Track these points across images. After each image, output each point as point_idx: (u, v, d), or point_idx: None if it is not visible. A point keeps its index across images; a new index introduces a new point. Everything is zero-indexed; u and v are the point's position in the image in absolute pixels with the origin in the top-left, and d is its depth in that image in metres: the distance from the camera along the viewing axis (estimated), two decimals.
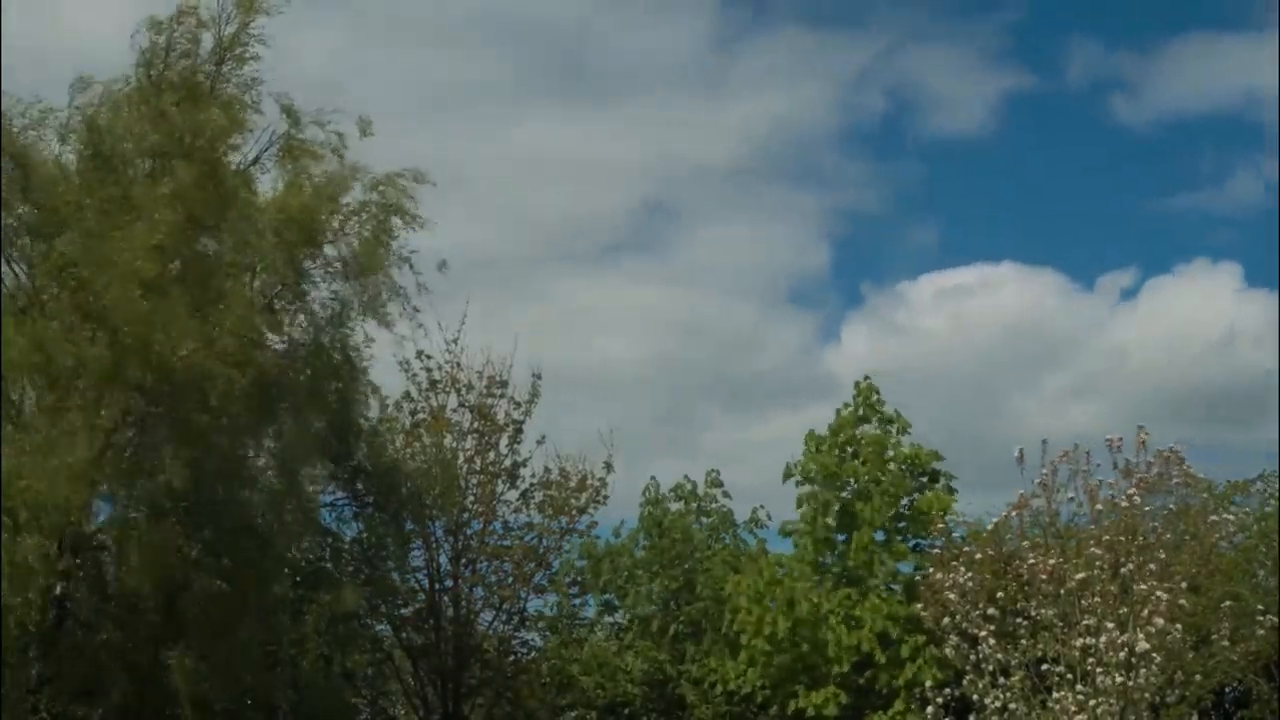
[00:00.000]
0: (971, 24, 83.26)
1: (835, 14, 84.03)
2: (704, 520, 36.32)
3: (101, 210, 25.65)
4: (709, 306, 74.47)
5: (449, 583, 34.53)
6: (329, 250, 28.15)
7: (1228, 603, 25.16)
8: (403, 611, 34.77)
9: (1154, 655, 22.91)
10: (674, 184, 79.32)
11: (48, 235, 26.20)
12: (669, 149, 78.73)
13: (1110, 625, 23.13)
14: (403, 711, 37.09)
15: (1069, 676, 23.42)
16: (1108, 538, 24.16)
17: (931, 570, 26.13)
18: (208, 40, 27.54)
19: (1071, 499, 25.03)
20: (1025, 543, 25.19)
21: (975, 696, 24.38)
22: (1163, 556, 23.87)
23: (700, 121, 78.38)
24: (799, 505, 31.40)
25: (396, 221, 28.63)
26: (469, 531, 34.73)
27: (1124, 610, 23.33)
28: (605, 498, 35.58)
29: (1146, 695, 23.04)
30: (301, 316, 28.46)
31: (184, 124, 26.40)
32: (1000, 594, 24.69)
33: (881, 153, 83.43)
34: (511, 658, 35.91)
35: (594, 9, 78.35)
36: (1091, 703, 23.03)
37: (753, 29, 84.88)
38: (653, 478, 36.37)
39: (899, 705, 29.22)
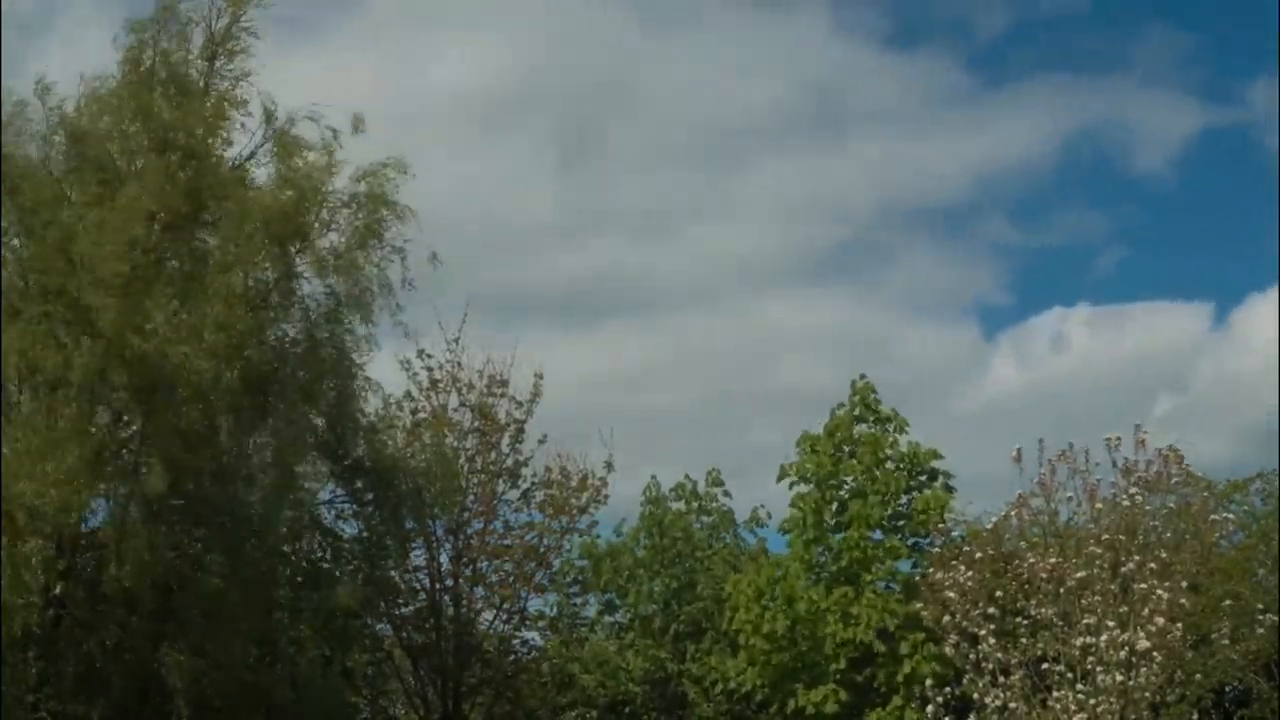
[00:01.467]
0: (1193, 64, 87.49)
1: (1083, 60, 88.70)
2: (704, 519, 36.32)
3: (82, 209, 25.64)
4: (897, 333, 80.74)
5: (449, 582, 34.53)
6: (320, 244, 28.07)
7: (1228, 602, 25.13)
8: (403, 611, 34.78)
9: (1154, 654, 22.83)
10: (890, 219, 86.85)
11: (31, 236, 26.17)
12: (891, 185, 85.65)
13: (1110, 624, 23.05)
14: (403, 711, 37.08)
15: (1069, 675, 23.35)
16: (1107, 537, 24.12)
17: (931, 569, 26.09)
18: (198, 36, 27.60)
19: (1070, 498, 25.03)
20: (1024, 542, 25.16)
21: (975, 695, 24.32)
22: (1163, 555, 23.81)
23: (927, 161, 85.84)
24: (792, 505, 31.40)
25: (386, 215, 28.50)
26: (470, 531, 34.75)
27: (1124, 609, 23.26)
28: (606, 497, 35.63)
29: (1147, 694, 22.97)
30: (296, 312, 28.40)
31: (171, 120, 26.38)
32: (1000, 593, 24.63)
33: (1089, 191, 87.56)
34: (512, 657, 35.91)
35: (859, 52, 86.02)
36: (1091, 702, 22.96)
37: (1001, 76, 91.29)
38: (653, 477, 36.43)
39: (898, 701, 29.21)
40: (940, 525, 28.69)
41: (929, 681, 25.98)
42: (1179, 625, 23.11)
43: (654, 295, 76.36)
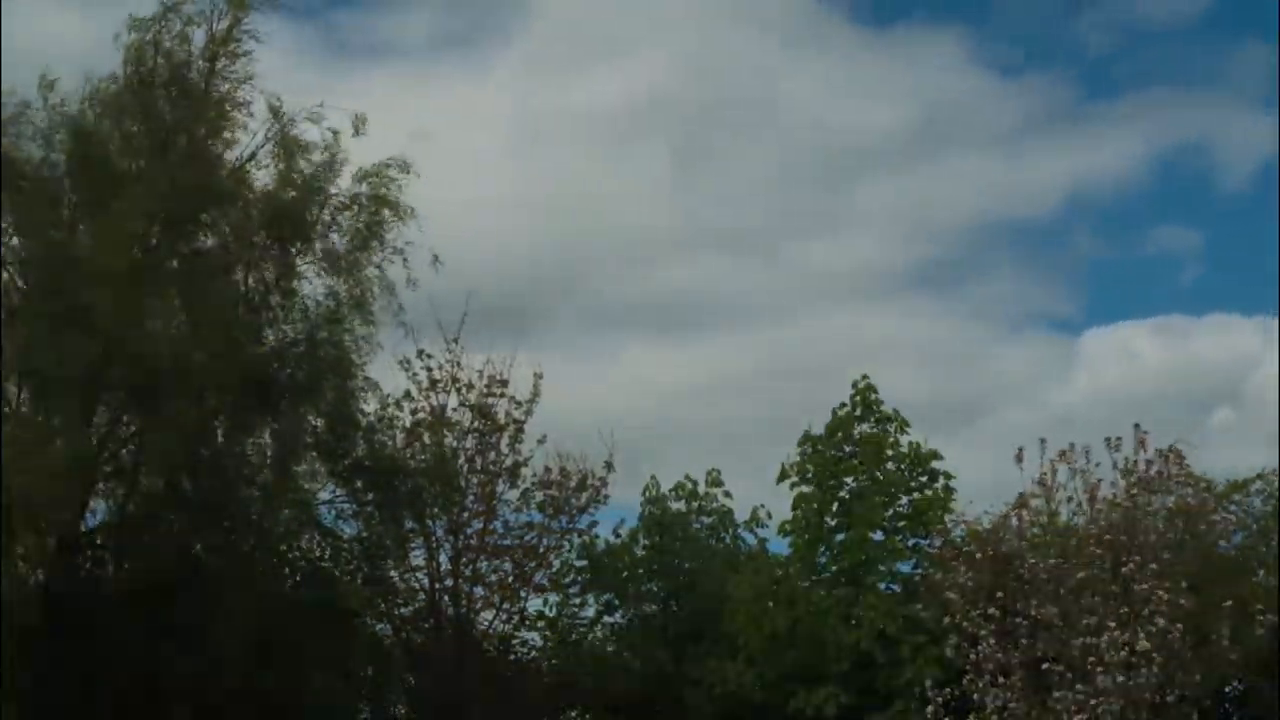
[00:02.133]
0: None
1: (1184, 75, 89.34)
2: (704, 520, 36.29)
3: (84, 208, 25.67)
4: (985, 346, 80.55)
5: (449, 582, 34.48)
6: (321, 244, 28.10)
7: (1228, 602, 25.11)
8: (403, 611, 34.73)
9: (1154, 655, 22.89)
10: (982, 234, 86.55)
11: (32, 235, 26.19)
12: (986, 202, 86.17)
13: (1110, 625, 23.12)
14: (403, 711, 37.04)
15: (1069, 676, 23.40)
16: (1108, 537, 24.16)
17: (931, 570, 26.11)
18: (199, 37, 27.63)
19: (1070, 498, 25.06)
20: (1024, 542, 25.18)
21: (975, 696, 24.36)
22: (1164, 556, 23.85)
23: (1022, 177, 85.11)
24: (794, 506, 31.37)
25: (387, 214, 28.54)
26: (469, 531, 34.67)
27: (1124, 610, 23.31)
28: (606, 497, 35.56)
29: (1147, 695, 23.03)
30: (296, 312, 28.44)
31: (173, 121, 26.41)
32: (1000, 593, 24.65)
33: (1177, 207, 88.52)
34: (512, 657, 35.86)
35: (979, 77, 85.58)
36: (1092, 702, 23.02)
37: (1103, 93, 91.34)
38: (653, 476, 36.38)
39: (899, 705, 29.15)
40: (940, 526, 28.68)
41: (929, 682, 26.01)
42: (1179, 626, 23.15)
43: (751, 308, 78.16)
